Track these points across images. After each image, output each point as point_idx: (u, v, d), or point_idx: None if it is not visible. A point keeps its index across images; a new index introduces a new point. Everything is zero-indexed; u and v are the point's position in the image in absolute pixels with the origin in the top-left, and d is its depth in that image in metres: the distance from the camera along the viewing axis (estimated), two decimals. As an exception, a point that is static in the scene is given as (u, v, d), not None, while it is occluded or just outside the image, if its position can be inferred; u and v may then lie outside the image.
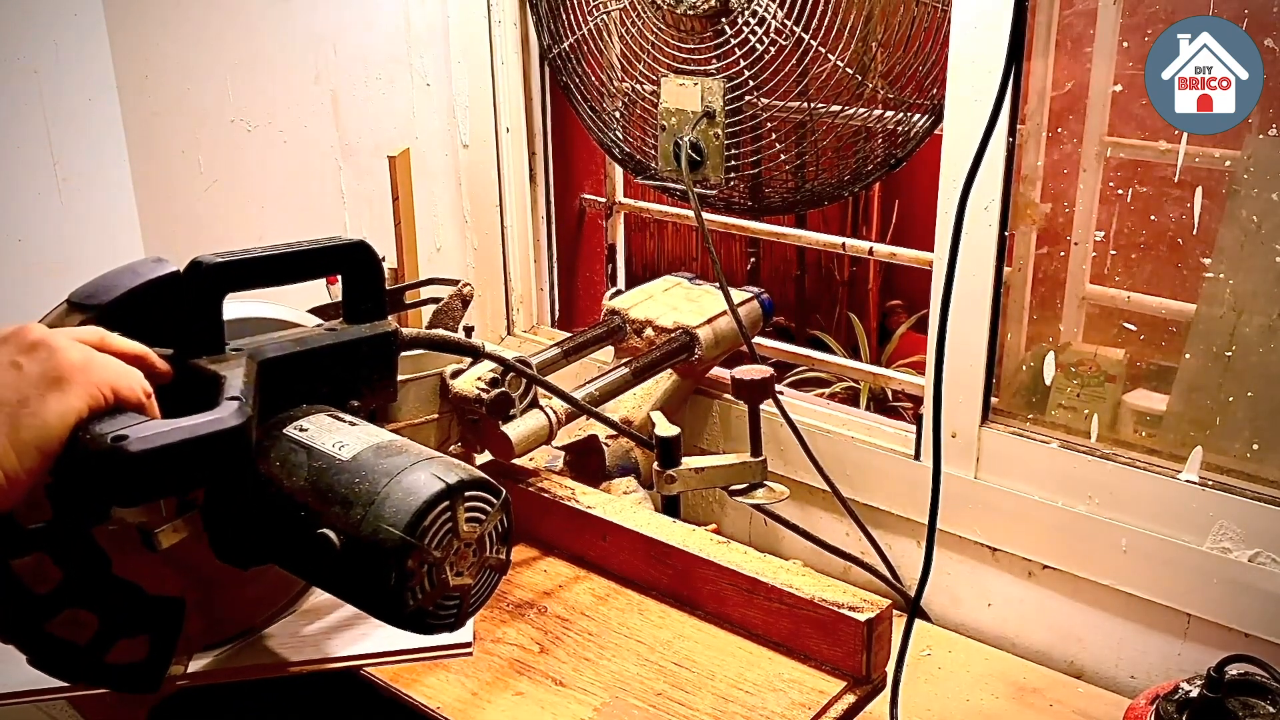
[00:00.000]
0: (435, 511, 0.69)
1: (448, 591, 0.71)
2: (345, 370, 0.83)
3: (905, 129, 1.22)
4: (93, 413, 0.66)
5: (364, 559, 0.69)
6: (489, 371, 1.07)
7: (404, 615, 0.70)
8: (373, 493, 0.69)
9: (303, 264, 0.83)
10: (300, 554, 0.73)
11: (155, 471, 0.66)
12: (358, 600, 0.73)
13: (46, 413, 0.64)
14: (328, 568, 0.71)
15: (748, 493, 1.11)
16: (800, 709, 0.88)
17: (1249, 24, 0.97)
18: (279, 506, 0.73)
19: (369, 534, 0.68)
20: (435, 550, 0.69)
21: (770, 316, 1.48)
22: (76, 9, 1.31)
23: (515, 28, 1.56)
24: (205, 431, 0.67)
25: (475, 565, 0.73)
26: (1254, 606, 1.06)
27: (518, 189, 1.63)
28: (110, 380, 0.67)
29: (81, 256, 1.35)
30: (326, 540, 0.69)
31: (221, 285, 0.77)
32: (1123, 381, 1.25)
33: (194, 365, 0.75)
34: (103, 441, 0.64)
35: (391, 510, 0.68)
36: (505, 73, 1.58)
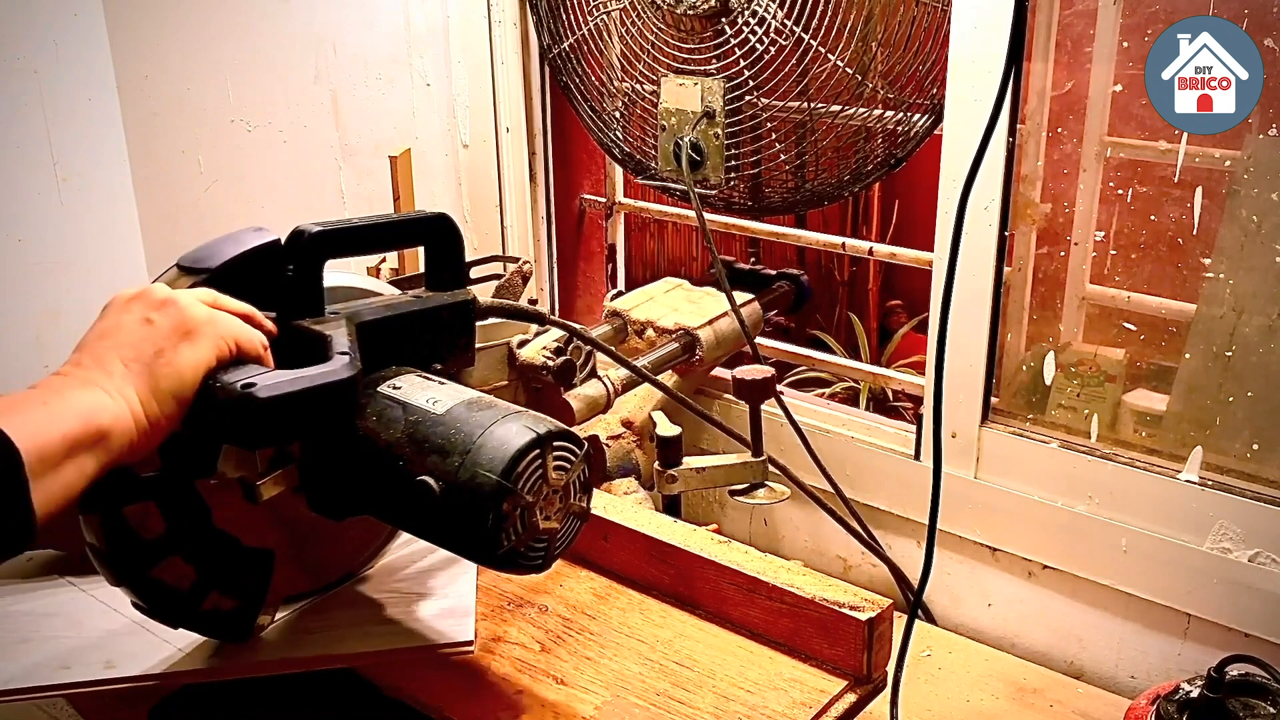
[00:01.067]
0: (528, 458, 0.74)
1: (537, 534, 0.76)
2: (430, 335, 0.89)
3: (905, 129, 1.22)
4: (219, 363, 0.71)
5: (462, 503, 0.73)
6: (553, 341, 1.14)
7: (497, 556, 0.75)
8: (468, 442, 0.74)
9: (393, 234, 0.90)
10: (398, 502, 0.78)
11: (280, 417, 0.71)
12: (454, 543, 0.78)
13: (180, 363, 0.69)
14: (426, 513, 0.76)
15: (748, 493, 1.11)
16: (801, 708, 0.88)
17: (1249, 24, 0.97)
18: (377, 458, 0.77)
19: (467, 479, 0.73)
20: (528, 495, 0.74)
21: (806, 299, 1.51)
22: (76, 9, 1.32)
23: (515, 28, 1.56)
24: (324, 381, 0.73)
25: (561, 511, 0.78)
26: (1254, 606, 1.06)
27: (518, 189, 1.63)
28: (233, 333, 0.73)
29: (81, 256, 1.35)
30: (426, 487, 0.74)
31: (322, 252, 0.83)
32: (1123, 381, 1.25)
33: (298, 326, 0.80)
34: (233, 389, 0.70)
35: (487, 457, 0.73)
36: (505, 73, 1.58)
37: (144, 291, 0.72)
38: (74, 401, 0.65)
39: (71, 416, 0.64)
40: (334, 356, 0.76)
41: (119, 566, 0.83)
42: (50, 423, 0.63)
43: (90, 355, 0.69)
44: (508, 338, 1.14)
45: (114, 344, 0.69)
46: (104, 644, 0.94)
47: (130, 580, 0.84)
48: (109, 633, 0.96)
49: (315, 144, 1.53)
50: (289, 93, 1.50)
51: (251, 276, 0.80)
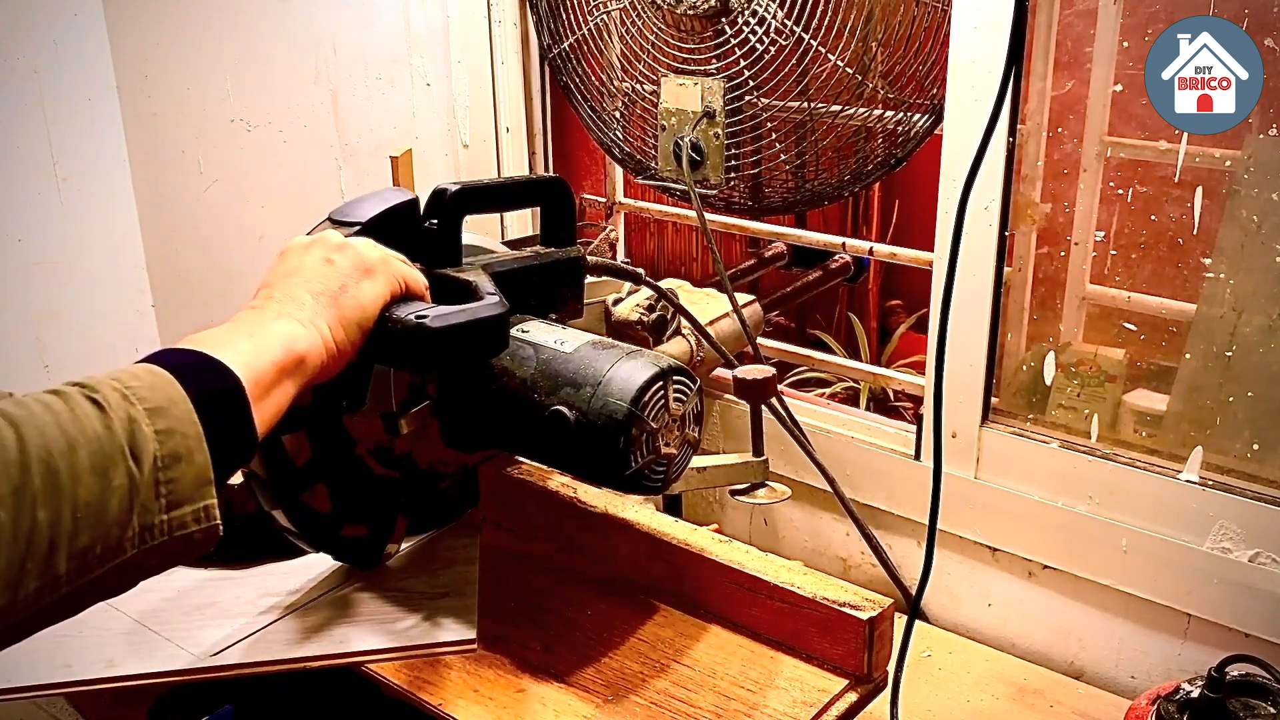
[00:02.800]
0: (653, 390, 0.83)
1: (659, 458, 0.85)
2: (547, 286, 0.98)
3: (905, 129, 1.22)
4: (393, 297, 0.80)
5: (595, 429, 0.82)
6: (646, 299, 1.24)
7: (625, 477, 0.83)
8: (598, 375, 0.83)
9: (519, 194, 1.02)
10: (534, 433, 0.86)
11: (448, 346, 0.79)
12: (585, 467, 0.87)
13: (362, 295, 0.77)
14: (561, 440, 0.84)
15: (749, 493, 1.11)
16: (802, 707, 0.88)
17: (1249, 24, 0.97)
18: (512, 393, 0.86)
19: (599, 409, 0.82)
20: (652, 421, 0.83)
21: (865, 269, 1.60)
22: (76, 9, 1.32)
23: (515, 28, 1.56)
24: (484, 315, 0.82)
25: (678, 438, 0.87)
26: (1254, 606, 1.06)
27: (518, 189, 1.63)
28: (403, 273, 0.82)
29: (81, 256, 1.35)
30: (561, 416, 0.83)
31: (461, 208, 0.91)
32: (1123, 381, 1.25)
33: (442, 274, 0.88)
34: (408, 321, 0.78)
35: (618, 388, 0.82)
36: (505, 73, 1.58)
37: (321, 237, 0.81)
38: (276, 332, 0.72)
39: (276, 345, 0.71)
40: (485, 296, 0.84)
41: (275, 490, 0.93)
42: (260, 352, 0.69)
43: (281, 290, 0.76)
44: (603, 297, 1.25)
45: (302, 280, 0.76)
46: (104, 643, 0.94)
47: (284, 503, 0.92)
48: (109, 632, 0.96)
49: (315, 144, 1.53)
50: (289, 93, 1.50)
51: (393, 231, 0.87)
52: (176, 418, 0.62)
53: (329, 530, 0.97)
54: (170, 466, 0.61)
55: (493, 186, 0.95)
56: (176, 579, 1.05)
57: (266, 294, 0.76)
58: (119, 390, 0.61)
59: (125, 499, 0.59)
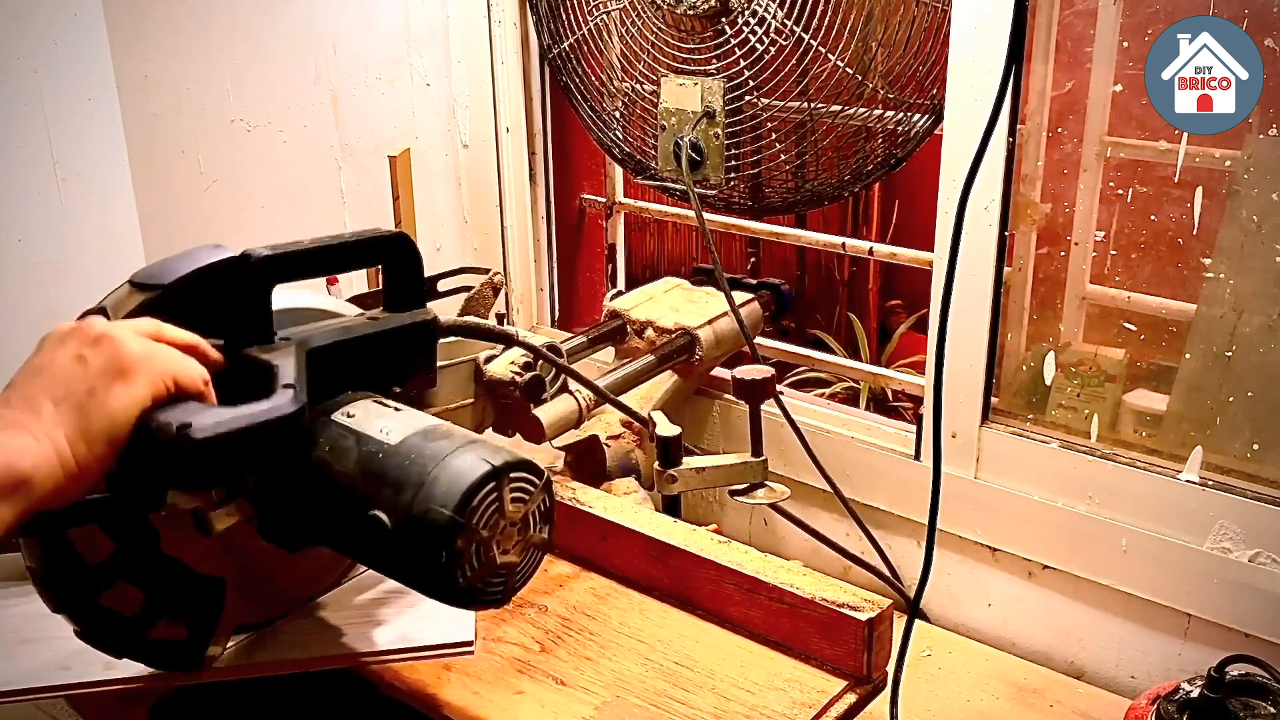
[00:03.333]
0: (483, 492, 0.72)
1: (495, 569, 0.74)
2: (388, 358, 0.86)
3: (905, 129, 1.22)
4: (155, 402, 0.68)
5: (415, 539, 0.71)
6: (522, 356, 1.10)
7: (454, 593, 0.73)
8: (422, 475, 0.72)
9: (347, 255, 0.86)
10: (352, 535, 0.76)
11: (218, 457, 0.68)
12: (409, 579, 0.76)
13: (113, 403, 0.66)
14: (379, 548, 0.74)
15: (748, 493, 1.11)
16: (801, 708, 0.88)
17: (1249, 24, 0.97)
18: (330, 490, 0.76)
19: (420, 514, 0.71)
20: (483, 529, 0.72)
21: (789, 308, 1.49)
22: (76, 9, 1.31)
23: (515, 28, 1.56)
24: (265, 419, 0.70)
25: (520, 544, 0.75)
26: (1254, 606, 1.06)
27: (518, 189, 1.63)
28: (171, 370, 0.69)
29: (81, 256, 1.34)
30: (378, 522, 0.72)
31: (271, 277, 0.80)
32: (1123, 381, 1.25)
33: (245, 355, 0.77)
34: (168, 429, 0.67)
35: (441, 492, 0.71)
36: (505, 73, 1.58)
37: (79, 326, 0.70)
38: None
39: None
40: (278, 390, 0.73)
41: (61, 592, 0.80)
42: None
43: (19, 395, 0.66)
44: (475, 353, 1.11)
45: (45, 383, 0.66)
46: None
47: (72, 607, 0.80)
48: (109, 633, 0.96)
49: (315, 144, 1.53)
50: (289, 93, 1.50)
51: (207, 295, 0.77)
52: None
53: (133, 634, 0.84)
54: None
55: (313, 250, 0.82)
56: (176, 579, 1.05)
57: (5, 398, 0.67)
58: None
59: None
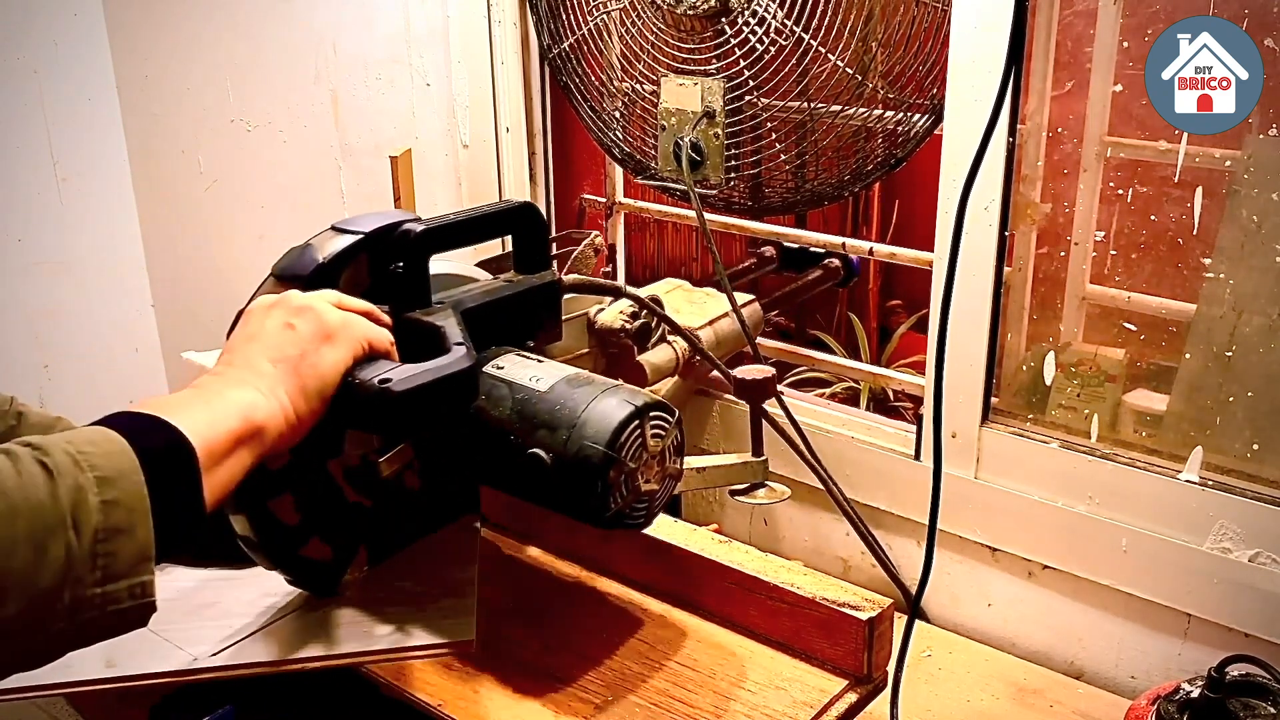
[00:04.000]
0: (629, 430, 0.81)
1: (640, 496, 0.84)
2: (523, 315, 0.96)
3: (905, 129, 1.22)
4: (355, 361, 0.77)
5: (572, 473, 0.81)
6: (629, 306, 1.23)
7: (606, 518, 0.82)
8: (574, 417, 0.82)
9: (488, 226, 0.95)
10: (512, 474, 0.85)
11: (415, 408, 0.77)
12: (566, 507, 0.85)
13: (322, 363, 0.75)
14: (539, 483, 0.83)
15: (749, 493, 1.11)
16: (802, 707, 0.88)
17: (1249, 24, 0.97)
18: (489, 435, 0.85)
19: (575, 452, 0.80)
20: (630, 462, 0.82)
21: (855, 275, 1.58)
22: (76, 9, 1.31)
23: (515, 28, 1.56)
24: (450, 371, 0.79)
25: (659, 473, 0.85)
26: (1254, 606, 1.06)
27: (518, 189, 1.63)
28: (365, 334, 0.78)
29: (81, 256, 1.35)
30: (538, 459, 0.81)
31: (427, 248, 0.88)
32: (1123, 381, 1.25)
33: (411, 319, 0.86)
34: (371, 385, 0.75)
35: (593, 431, 0.80)
36: (505, 73, 1.58)
37: (283, 298, 0.78)
38: (233, 400, 0.70)
39: (233, 414, 0.69)
40: (452, 347, 0.81)
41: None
42: (216, 421, 0.67)
43: (241, 357, 0.74)
44: (585, 309, 1.22)
45: (262, 347, 0.74)
46: (104, 644, 0.94)
47: (248, 508, 0.88)
48: (109, 633, 0.96)
49: (315, 144, 1.53)
50: (289, 93, 1.50)
51: (340, 276, 0.85)
52: (125, 489, 0.60)
53: (291, 546, 0.93)
54: (111, 539, 0.59)
55: (460, 223, 0.91)
56: (177, 579, 1.05)
57: (227, 360, 0.74)
58: (71, 455, 0.59)
59: (59, 571, 0.57)
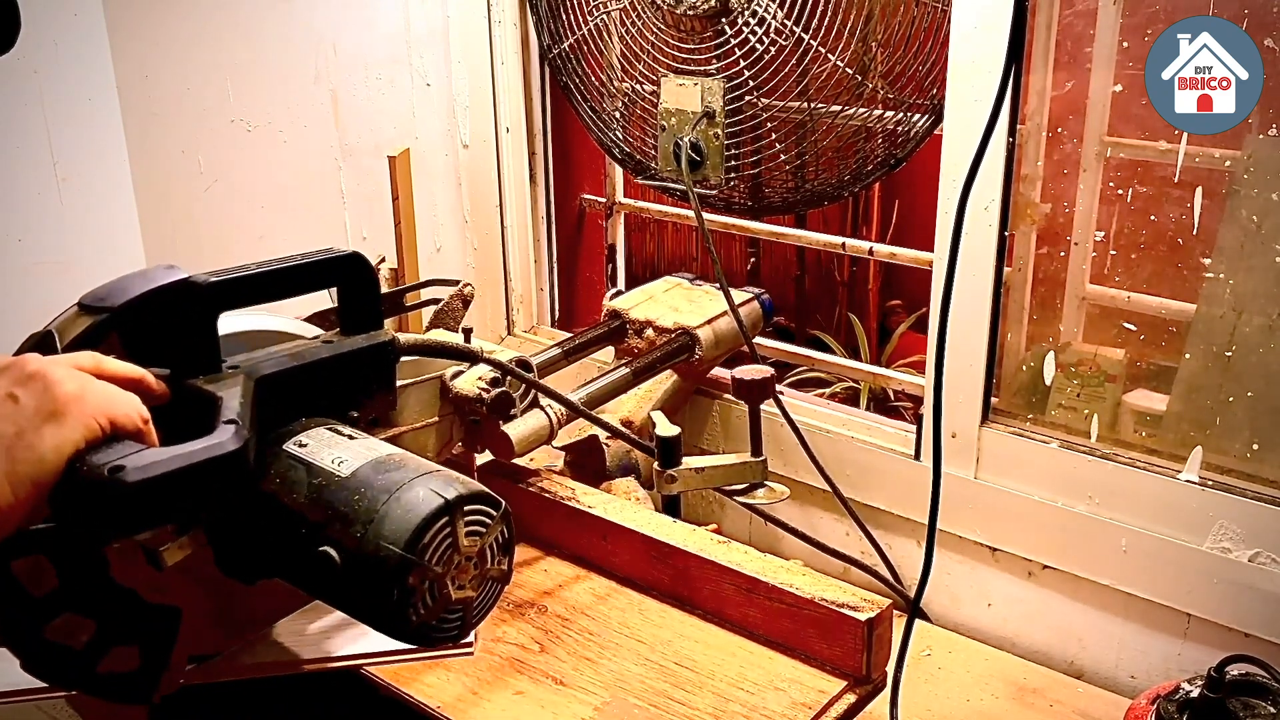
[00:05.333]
0: (435, 528, 0.69)
1: (450, 605, 0.71)
2: (344, 382, 0.84)
3: (905, 129, 1.22)
4: (89, 443, 0.65)
5: (365, 576, 0.69)
6: (489, 371, 1.06)
7: (408, 631, 0.70)
8: (372, 510, 0.69)
9: (297, 279, 0.83)
10: (303, 569, 0.73)
11: (154, 500, 0.65)
12: (361, 615, 0.73)
13: (42, 446, 0.63)
14: (331, 584, 0.71)
15: (748, 493, 1.10)
16: (801, 708, 0.88)
17: (1249, 24, 0.97)
18: (281, 523, 0.73)
19: (370, 551, 0.68)
20: (436, 566, 0.69)
21: (770, 317, 1.48)
22: (76, 9, 1.31)
23: (515, 28, 1.56)
24: (202, 458, 0.67)
25: (477, 578, 0.73)
26: (1254, 606, 1.06)
27: (518, 189, 1.63)
28: (106, 409, 0.66)
29: (81, 256, 1.35)
30: (328, 558, 0.69)
31: (216, 304, 0.77)
32: (1123, 381, 1.25)
33: (190, 386, 0.74)
34: (100, 472, 0.63)
35: (391, 528, 0.68)
36: (505, 73, 1.58)
37: (13, 364, 0.67)
38: None
39: None
40: (219, 426, 0.70)
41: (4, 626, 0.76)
42: None
43: None
44: (441, 370, 1.06)
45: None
46: (104, 644, 0.94)
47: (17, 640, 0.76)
48: (109, 633, 0.96)
49: (315, 144, 1.53)
50: (289, 93, 1.50)
51: (155, 320, 0.75)
52: None
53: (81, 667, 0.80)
54: None
55: (262, 275, 0.79)
56: (176, 579, 1.05)
57: None
58: None
59: None
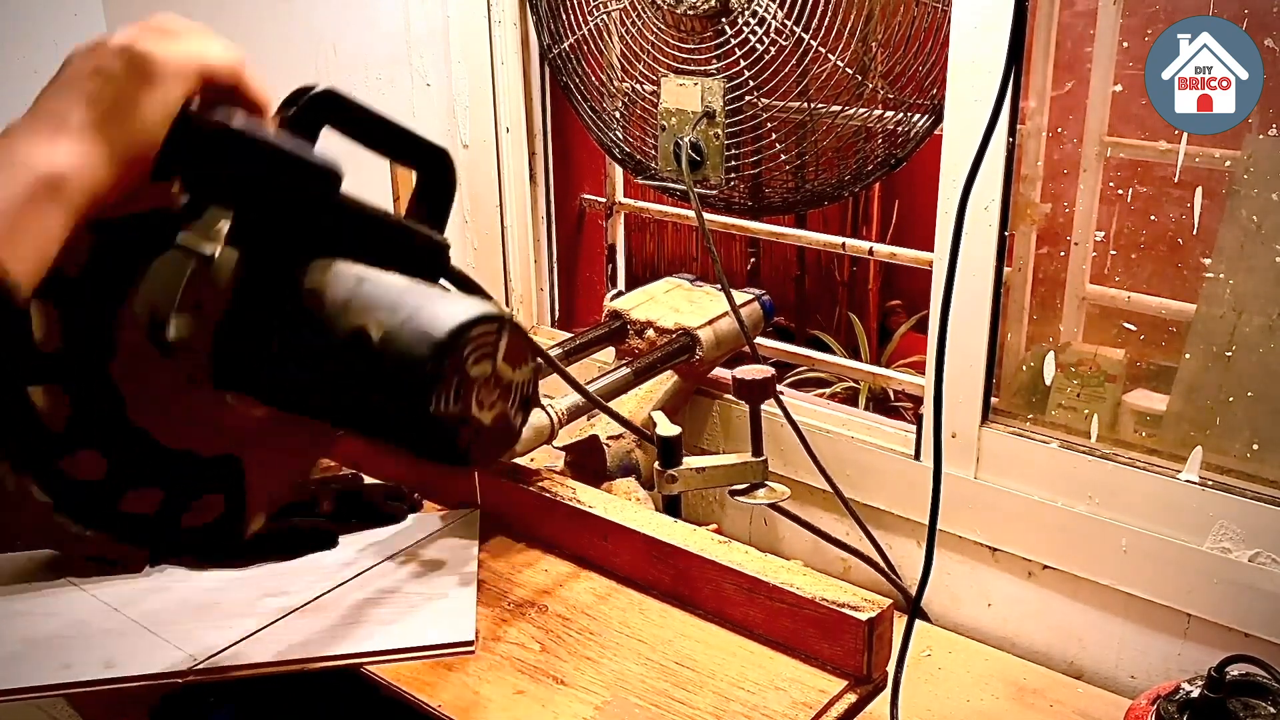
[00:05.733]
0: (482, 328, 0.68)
1: (465, 414, 0.69)
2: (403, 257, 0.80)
3: (905, 129, 1.22)
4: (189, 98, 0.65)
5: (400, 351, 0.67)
6: None
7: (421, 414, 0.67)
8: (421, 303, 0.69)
9: (399, 141, 0.83)
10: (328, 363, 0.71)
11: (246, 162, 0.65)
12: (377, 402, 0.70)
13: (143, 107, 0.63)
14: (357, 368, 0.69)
15: (749, 493, 1.11)
16: (801, 708, 0.88)
17: (1249, 24, 0.97)
18: (317, 313, 0.71)
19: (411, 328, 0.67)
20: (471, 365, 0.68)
21: (771, 318, 1.48)
22: (76, 9, 1.32)
23: (515, 28, 1.56)
24: (308, 155, 0.67)
25: (496, 408, 0.71)
26: (1254, 606, 1.06)
27: (518, 189, 1.63)
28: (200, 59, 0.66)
29: (82, 256, 1.35)
30: (362, 333, 0.68)
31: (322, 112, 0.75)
32: (1123, 381, 1.25)
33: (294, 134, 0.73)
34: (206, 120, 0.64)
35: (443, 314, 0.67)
36: (505, 73, 1.58)
37: (101, 39, 0.66)
38: (26, 152, 0.61)
39: (24, 168, 0.60)
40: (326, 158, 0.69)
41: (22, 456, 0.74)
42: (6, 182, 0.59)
43: (45, 105, 0.64)
44: None
45: (70, 93, 0.64)
46: (104, 644, 0.94)
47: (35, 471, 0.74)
48: (109, 633, 0.96)
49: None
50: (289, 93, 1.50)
51: None
52: None
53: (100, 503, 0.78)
54: None
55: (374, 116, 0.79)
56: (177, 579, 1.05)
57: (32, 110, 0.65)
58: None
59: None
